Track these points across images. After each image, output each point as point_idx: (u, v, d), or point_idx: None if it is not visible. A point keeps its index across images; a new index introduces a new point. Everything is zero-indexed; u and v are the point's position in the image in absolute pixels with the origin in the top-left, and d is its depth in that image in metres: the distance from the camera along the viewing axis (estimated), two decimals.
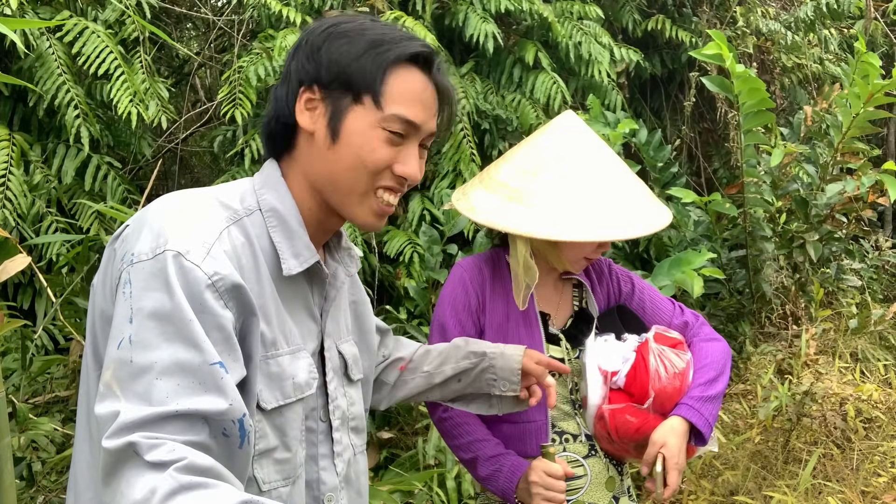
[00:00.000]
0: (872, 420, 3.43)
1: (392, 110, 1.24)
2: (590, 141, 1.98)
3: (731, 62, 3.42)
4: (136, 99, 3.70)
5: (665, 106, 5.81)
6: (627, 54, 5.00)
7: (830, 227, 4.25)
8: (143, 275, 1.08)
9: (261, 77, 4.12)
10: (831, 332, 4.29)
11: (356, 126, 1.25)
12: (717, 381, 1.92)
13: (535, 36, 4.90)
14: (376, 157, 1.25)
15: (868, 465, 3.16)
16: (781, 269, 4.34)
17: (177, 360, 1.04)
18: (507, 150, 4.66)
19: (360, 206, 1.28)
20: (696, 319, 2.06)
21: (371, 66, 1.24)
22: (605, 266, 2.12)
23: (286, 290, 1.27)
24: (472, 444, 1.89)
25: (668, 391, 1.86)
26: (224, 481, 1.00)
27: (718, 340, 2.01)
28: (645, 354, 1.89)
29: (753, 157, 3.98)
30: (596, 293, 2.05)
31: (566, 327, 2.01)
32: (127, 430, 0.99)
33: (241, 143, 4.30)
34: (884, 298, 5.23)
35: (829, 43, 5.86)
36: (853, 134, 3.97)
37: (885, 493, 2.97)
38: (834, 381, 3.24)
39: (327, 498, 1.34)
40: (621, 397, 1.89)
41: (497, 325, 1.94)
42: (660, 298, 2.10)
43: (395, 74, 1.25)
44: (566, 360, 1.95)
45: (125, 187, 3.95)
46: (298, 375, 1.26)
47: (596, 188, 1.91)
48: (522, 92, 4.66)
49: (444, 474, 2.85)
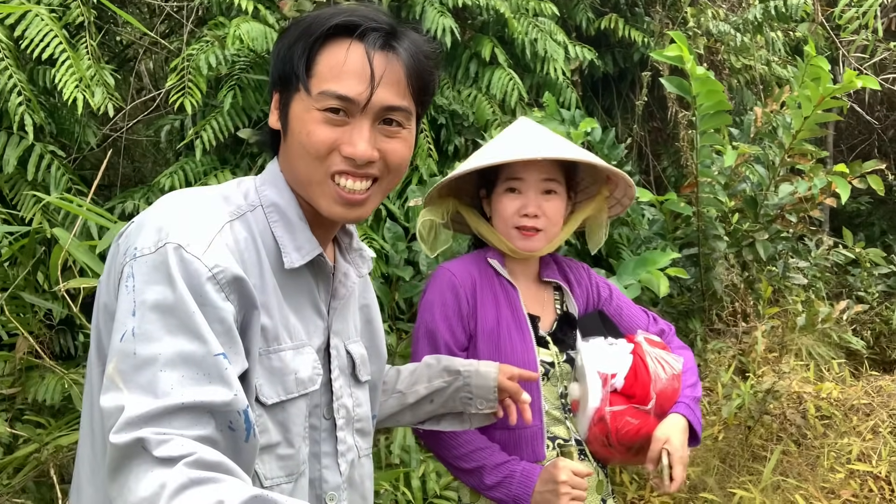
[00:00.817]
0: (830, 417, 3.53)
1: (319, 88, 1.21)
2: (528, 121, 2.05)
3: (691, 64, 3.46)
4: (81, 85, 3.54)
5: (616, 104, 5.86)
6: (582, 52, 5.02)
7: (780, 227, 4.34)
8: (145, 268, 1.08)
9: (212, 66, 4.00)
10: (779, 330, 4.40)
11: (295, 113, 1.24)
12: (697, 385, 1.99)
13: (491, 31, 4.88)
14: (314, 140, 1.22)
15: (825, 461, 3.25)
16: (732, 268, 4.42)
17: (180, 352, 1.03)
18: (463, 145, 4.66)
19: (322, 197, 1.26)
20: (669, 328, 2.12)
21: (300, 51, 1.23)
22: (584, 271, 2.13)
23: (290, 285, 1.27)
24: (473, 453, 1.83)
25: (667, 392, 1.90)
26: (233, 476, 0.99)
27: (687, 349, 2.08)
28: (643, 357, 1.91)
29: (709, 157, 4.03)
30: (575, 296, 2.06)
31: (552, 330, 2.00)
32: (134, 426, 0.98)
33: (190, 133, 4.17)
34: (826, 296, 5.39)
35: (775, 45, 5.99)
36: (803, 136, 4.06)
37: (842, 488, 3.06)
38: (794, 379, 3.32)
39: (329, 497, 1.33)
40: (621, 399, 1.89)
41: (489, 330, 1.90)
42: (634, 308, 2.14)
43: (326, 52, 1.23)
44: (556, 364, 1.95)
45: (69, 177, 3.79)
46: (301, 371, 1.25)
47: (511, 135, 1.99)
48: (479, 87, 4.64)
49: (410, 473, 2.83)
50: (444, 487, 2.90)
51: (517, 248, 1.93)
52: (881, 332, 5.21)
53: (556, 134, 2.04)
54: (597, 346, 1.94)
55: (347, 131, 1.22)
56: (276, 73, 1.28)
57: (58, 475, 2.25)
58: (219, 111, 4.14)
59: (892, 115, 7.63)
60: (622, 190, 2.08)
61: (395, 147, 1.27)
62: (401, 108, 1.25)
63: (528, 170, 1.90)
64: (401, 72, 1.24)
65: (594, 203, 2.08)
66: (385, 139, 1.26)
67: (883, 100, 7.56)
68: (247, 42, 3.90)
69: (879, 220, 7.66)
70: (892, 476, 3.19)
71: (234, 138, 4.24)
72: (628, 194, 2.08)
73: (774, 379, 3.27)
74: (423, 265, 2.95)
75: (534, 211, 1.91)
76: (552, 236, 1.96)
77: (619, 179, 2.03)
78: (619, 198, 2.12)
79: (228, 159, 4.42)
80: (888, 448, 3.32)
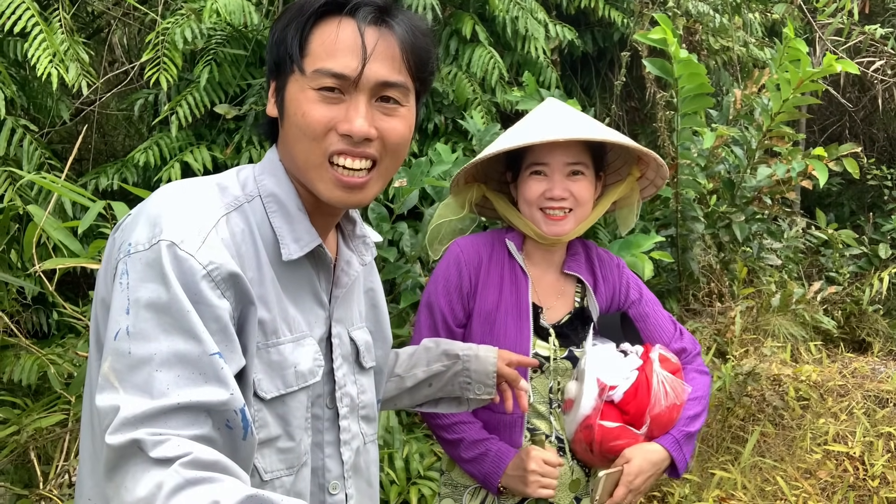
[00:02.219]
0: (808, 399, 3.59)
1: (313, 67, 1.19)
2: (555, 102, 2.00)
3: (675, 47, 3.46)
4: (55, 60, 3.44)
5: (595, 84, 5.86)
6: (562, 32, 5.00)
7: (756, 209, 4.39)
8: (139, 265, 1.07)
9: (188, 40, 3.91)
10: (754, 310, 4.46)
11: (291, 95, 1.22)
12: (699, 417, 1.90)
13: (472, 8, 4.83)
14: (309, 120, 1.19)
15: (803, 442, 3.32)
16: (708, 249, 4.47)
17: (176, 352, 1.02)
18: (443, 123, 4.63)
19: (321, 181, 1.23)
20: (693, 347, 2.02)
21: (293, 32, 1.21)
22: (617, 268, 2.05)
23: (289, 276, 1.25)
24: (456, 425, 1.86)
25: (662, 420, 1.83)
26: (230, 475, 0.99)
27: (706, 374, 1.99)
28: (649, 376, 1.83)
29: (689, 139, 4.05)
30: (598, 292, 1.98)
31: (560, 323, 1.94)
32: (130, 426, 0.97)
33: (166, 109, 4.09)
34: (798, 277, 5.47)
35: (752, 27, 6.02)
36: (782, 119, 4.09)
37: (819, 468, 3.13)
38: (773, 361, 3.37)
39: (332, 486, 1.32)
40: (614, 413, 1.83)
41: (486, 312, 1.89)
42: (663, 316, 2.05)
43: (318, 31, 1.20)
44: (552, 358, 1.90)
45: (42, 151, 3.70)
46: (301, 364, 1.24)
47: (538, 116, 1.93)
48: (459, 65, 4.60)
49: (393, 454, 2.84)
50: (427, 468, 2.92)
51: (544, 232, 1.88)
52: (851, 312, 5.31)
53: (583, 114, 1.98)
54: (605, 353, 1.87)
55: (343, 108, 1.19)
56: (271, 59, 1.26)
57: (38, 457, 2.21)
58: (195, 86, 4.06)
59: (864, 97, 7.72)
60: (654, 170, 2.01)
61: (393, 125, 1.23)
62: (397, 84, 1.22)
63: (553, 153, 1.85)
64: (395, 46, 1.21)
65: (625, 184, 2.01)
66: (383, 117, 1.22)
67: (855, 82, 7.64)
68: (224, 15, 3.82)
69: (849, 201, 7.77)
70: (865, 456, 3.26)
71: (210, 113, 4.17)
72: (661, 174, 2.01)
73: (756, 361, 3.32)
74: (406, 246, 2.93)
75: (560, 194, 1.85)
76: (581, 217, 1.90)
77: (650, 160, 1.95)
78: (651, 178, 2.04)
79: (204, 134, 4.36)
80: (862, 429, 3.40)
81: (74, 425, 2.33)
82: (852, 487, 3.13)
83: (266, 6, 4.22)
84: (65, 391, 2.47)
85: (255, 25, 4.04)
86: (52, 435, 2.32)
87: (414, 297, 2.97)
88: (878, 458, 3.23)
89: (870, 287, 5.25)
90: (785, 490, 3.01)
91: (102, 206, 2.56)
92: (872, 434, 3.39)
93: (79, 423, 2.39)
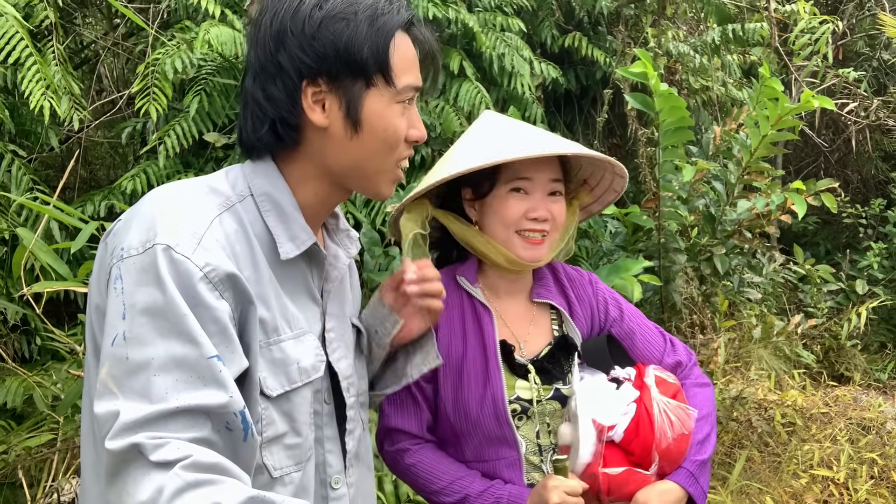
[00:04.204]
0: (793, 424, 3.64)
1: (403, 82, 1.24)
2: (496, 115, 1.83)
3: (655, 80, 3.56)
4: (48, 92, 3.46)
5: (578, 120, 5.97)
6: (547, 69, 5.11)
7: (737, 242, 4.47)
8: (133, 270, 1.07)
9: (178, 70, 3.95)
10: (735, 342, 4.52)
11: (376, 109, 1.23)
12: (709, 439, 1.72)
13: (459, 45, 4.93)
14: (399, 134, 1.26)
15: (789, 467, 3.36)
16: (691, 281, 4.53)
17: (173, 356, 1.02)
18: (429, 156, 4.69)
19: (385, 183, 1.30)
20: (688, 358, 1.83)
21: (376, 44, 1.20)
22: (590, 285, 1.85)
23: (285, 274, 1.25)
24: (454, 483, 1.66)
25: (672, 454, 1.64)
26: (230, 477, 0.99)
27: (707, 385, 1.80)
28: (648, 407, 1.63)
29: (671, 172, 4.14)
30: (576, 316, 1.78)
31: (540, 357, 1.74)
32: (130, 431, 0.98)
33: (154, 138, 4.11)
34: (778, 311, 5.55)
35: (731, 68, 6.18)
36: (760, 154, 4.19)
37: (806, 492, 3.16)
38: (759, 387, 3.42)
39: (334, 480, 1.33)
40: (618, 455, 1.64)
41: (453, 364, 1.69)
42: (649, 329, 1.84)
43: (395, 45, 1.24)
44: (535, 400, 1.69)
45: (30, 177, 3.70)
46: (304, 360, 1.25)
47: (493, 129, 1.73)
48: (446, 99, 4.67)
49: (382, 478, 2.83)
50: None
51: (520, 257, 1.68)
52: (830, 347, 5.39)
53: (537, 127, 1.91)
54: (596, 387, 1.67)
55: (409, 118, 1.28)
56: (325, 66, 1.19)
57: (26, 477, 2.19)
58: (184, 115, 4.09)
59: (838, 138, 7.91)
60: (610, 174, 1.81)
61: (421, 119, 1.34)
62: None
63: (538, 168, 1.67)
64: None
65: (583, 198, 1.84)
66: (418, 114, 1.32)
67: (829, 124, 7.84)
68: (216, 46, 3.87)
69: (824, 241, 7.91)
70: (850, 482, 3.31)
71: (198, 142, 4.20)
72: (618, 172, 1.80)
73: (742, 386, 3.36)
74: None
75: (543, 214, 1.67)
76: (553, 242, 1.73)
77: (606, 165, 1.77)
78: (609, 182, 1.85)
79: (192, 163, 4.37)
80: (846, 455, 3.45)
81: (62, 445, 2.31)
82: None
83: None
84: (52, 412, 2.45)
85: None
86: (40, 455, 2.30)
87: None
88: (861, 484, 3.28)
89: (848, 322, 5.34)
90: None
91: (95, 227, 2.57)
92: (856, 460, 3.44)
93: (66, 444, 2.38)
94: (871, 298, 5.79)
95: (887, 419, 3.64)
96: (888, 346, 6.04)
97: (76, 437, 2.35)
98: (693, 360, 1.84)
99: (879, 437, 3.59)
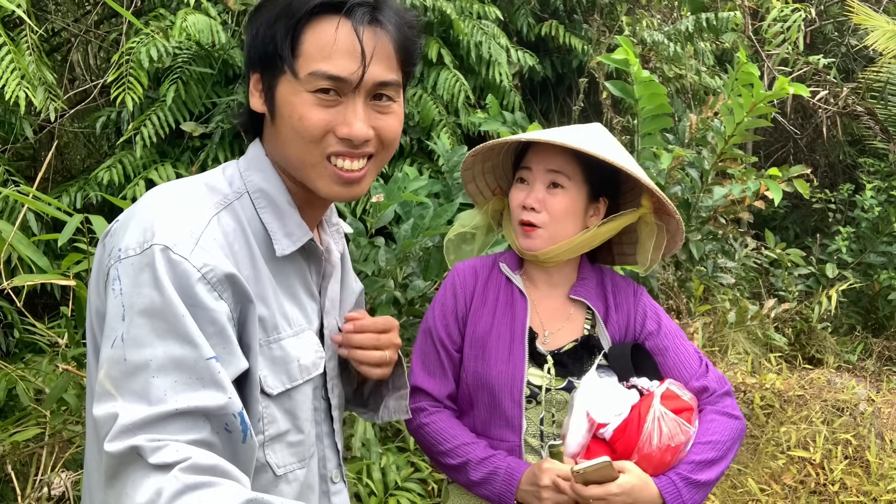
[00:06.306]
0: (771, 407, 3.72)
1: (308, 69, 1.16)
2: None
3: (637, 67, 3.59)
4: (23, 82, 3.40)
5: (554, 108, 6.00)
6: (524, 58, 5.12)
7: (712, 228, 4.54)
8: (131, 271, 1.06)
9: (153, 59, 3.91)
10: (711, 326, 4.60)
11: (283, 96, 1.20)
12: (714, 466, 1.68)
13: (436, 32, 4.93)
14: (307, 124, 1.18)
15: (767, 448, 3.44)
16: (667, 267, 4.59)
17: (172, 357, 1.02)
18: (408, 144, 4.69)
19: (319, 179, 1.23)
20: (719, 386, 1.79)
21: (283, 31, 1.18)
22: (632, 293, 1.86)
23: (283, 271, 1.25)
24: (459, 448, 1.74)
25: (653, 461, 1.64)
26: (229, 478, 0.99)
27: (737, 419, 1.75)
28: (643, 412, 1.64)
29: (650, 159, 4.19)
30: (610, 321, 1.81)
31: (561, 350, 1.79)
32: (129, 433, 0.98)
33: (130, 128, 4.07)
34: (750, 296, 5.64)
35: (704, 56, 6.25)
36: (735, 141, 4.25)
37: (784, 473, 3.24)
38: (738, 370, 3.48)
39: (333, 475, 1.35)
40: (602, 449, 1.66)
41: (478, 336, 1.79)
42: (686, 351, 1.83)
43: (311, 31, 1.17)
44: (544, 388, 1.76)
45: (5, 168, 3.64)
46: (304, 357, 1.25)
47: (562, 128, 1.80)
48: (424, 87, 4.67)
49: (370, 465, 2.85)
50: (404, 479, 2.94)
51: (520, 246, 1.79)
52: (801, 330, 5.50)
53: (611, 141, 1.80)
54: (602, 386, 1.69)
55: (341, 111, 1.18)
56: (254, 53, 1.22)
57: (15, 471, 2.18)
58: (160, 105, 4.06)
59: (808, 124, 8.04)
60: (675, 225, 1.81)
61: (388, 123, 1.23)
62: (391, 83, 1.22)
63: (539, 158, 1.76)
64: (389, 46, 1.20)
65: (633, 214, 1.81)
66: (378, 116, 1.22)
67: (798, 110, 7.96)
68: (193, 34, 3.83)
69: (793, 224, 8.05)
70: (825, 462, 3.40)
71: (174, 131, 4.16)
72: (679, 229, 1.82)
73: (723, 369, 3.43)
74: (381, 261, 2.97)
75: (531, 202, 1.74)
76: (554, 235, 1.75)
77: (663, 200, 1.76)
78: (672, 232, 1.84)
79: (168, 152, 4.34)
80: (822, 436, 3.53)
81: (50, 439, 2.30)
82: (814, 492, 3.25)
83: (233, 26, 4.25)
84: (37, 406, 2.44)
85: (223, 44, 4.06)
86: (28, 450, 2.28)
87: (388, 310, 3.00)
88: (836, 465, 3.37)
89: (818, 305, 5.45)
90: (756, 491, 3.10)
91: (80, 219, 2.54)
92: (831, 441, 3.53)
93: (54, 438, 2.36)
94: (841, 282, 5.91)
95: (860, 400, 3.74)
96: (857, 329, 6.18)
97: (64, 430, 2.34)
98: (726, 389, 1.81)
99: (853, 418, 3.69)
